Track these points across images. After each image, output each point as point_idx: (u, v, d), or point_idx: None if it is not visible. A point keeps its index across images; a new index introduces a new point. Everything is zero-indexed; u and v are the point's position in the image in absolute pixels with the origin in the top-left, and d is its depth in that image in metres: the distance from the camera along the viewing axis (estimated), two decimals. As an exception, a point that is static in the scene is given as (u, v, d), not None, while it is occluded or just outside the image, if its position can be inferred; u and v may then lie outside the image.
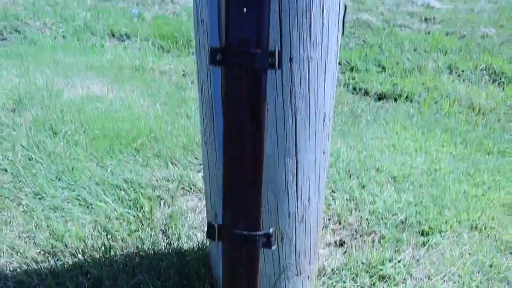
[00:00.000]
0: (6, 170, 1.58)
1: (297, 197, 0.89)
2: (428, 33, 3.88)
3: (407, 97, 2.83)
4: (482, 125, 2.48)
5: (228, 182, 0.78)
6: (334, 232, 1.39)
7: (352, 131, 2.20)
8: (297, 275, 1.01)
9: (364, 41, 3.60)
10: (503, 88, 3.00)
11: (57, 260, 1.18)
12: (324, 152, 0.90)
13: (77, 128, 1.88)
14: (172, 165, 1.68)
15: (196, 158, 1.75)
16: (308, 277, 1.05)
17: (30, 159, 1.64)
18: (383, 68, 3.24)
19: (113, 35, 3.78)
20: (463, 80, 3.11)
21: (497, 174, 1.85)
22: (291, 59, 0.74)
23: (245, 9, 0.67)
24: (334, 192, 1.60)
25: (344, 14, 0.79)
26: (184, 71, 3.00)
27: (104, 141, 1.78)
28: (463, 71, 3.21)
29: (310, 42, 0.74)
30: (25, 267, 1.15)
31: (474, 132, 2.35)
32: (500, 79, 3.11)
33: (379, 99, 2.84)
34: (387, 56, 3.39)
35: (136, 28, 3.77)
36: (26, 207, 1.39)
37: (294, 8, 0.70)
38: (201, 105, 0.88)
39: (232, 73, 0.72)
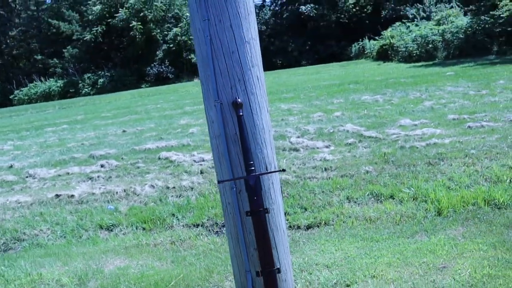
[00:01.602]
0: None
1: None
2: (329, 179, 5.48)
3: (325, 223, 4.24)
4: (373, 228, 3.90)
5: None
6: None
7: (294, 250, 3.50)
8: None
9: (288, 195, 5.09)
10: (383, 203, 4.53)
11: None
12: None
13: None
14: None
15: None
16: None
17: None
18: (305, 209, 4.68)
19: (102, 228, 4.93)
20: (358, 204, 4.61)
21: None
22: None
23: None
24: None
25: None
26: (171, 239, 4.21)
27: None
28: (356, 199, 4.74)
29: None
30: None
31: (371, 231, 3.75)
32: (380, 198, 4.67)
33: (307, 228, 4.21)
34: (305, 200, 4.86)
35: (120, 218, 4.97)
36: None
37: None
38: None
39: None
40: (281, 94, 14.80)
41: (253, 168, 2.07)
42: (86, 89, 33.00)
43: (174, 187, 5.94)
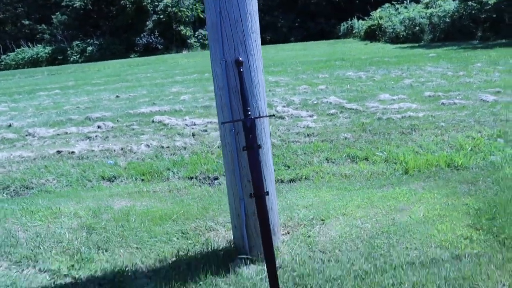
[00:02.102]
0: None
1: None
2: (311, 143, 6.04)
3: (306, 178, 4.80)
4: (348, 182, 4.47)
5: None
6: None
7: (278, 197, 4.06)
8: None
9: (273, 155, 5.63)
10: (358, 163, 5.11)
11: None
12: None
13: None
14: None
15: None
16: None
17: None
18: (288, 167, 5.23)
19: (104, 179, 5.42)
20: (335, 164, 5.18)
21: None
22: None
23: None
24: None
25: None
26: (168, 188, 4.74)
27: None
28: (334, 159, 5.30)
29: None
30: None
31: (345, 184, 4.33)
32: (355, 159, 5.25)
33: (291, 182, 4.77)
34: (289, 160, 5.42)
35: (120, 171, 5.47)
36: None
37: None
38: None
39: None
40: (269, 68, 15.26)
41: (249, 113, 2.59)
42: (75, 57, 32.89)
43: (168, 147, 6.45)
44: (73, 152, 6.58)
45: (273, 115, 2.65)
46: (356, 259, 2.80)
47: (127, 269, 2.82)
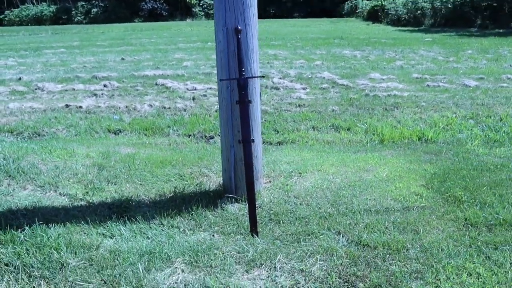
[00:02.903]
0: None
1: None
2: (301, 113, 6.59)
3: (292, 141, 5.37)
4: (328, 147, 5.05)
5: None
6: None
7: (264, 155, 4.63)
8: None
9: (265, 121, 6.19)
10: (340, 132, 5.68)
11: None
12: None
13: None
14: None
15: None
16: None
17: None
18: (277, 131, 5.79)
19: (110, 131, 5.97)
20: (320, 132, 5.74)
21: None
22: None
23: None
24: (264, 164, 3.97)
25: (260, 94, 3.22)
26: (168, 142, 5.30)
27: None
28: (320, 128, 5.87)
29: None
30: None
31: (325, 148, 4.90)
32: (339, 129, 5.81)
33: (279, 144, 5.34)
34: (279, 126, 5.97)
35: (125, 126, 6.02)
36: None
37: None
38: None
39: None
40: (270, 41, 15.69)
41: (244, 73, 3.12)
42: (79, 17, 33.04)
43: (169, 108, 6.98)
44: (80, 107, 7.11)
45: (263, 76, 3.16)
46: (323, 204, 3.38)
47: (132, 198, 3.40)
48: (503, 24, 19.94)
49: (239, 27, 3.12)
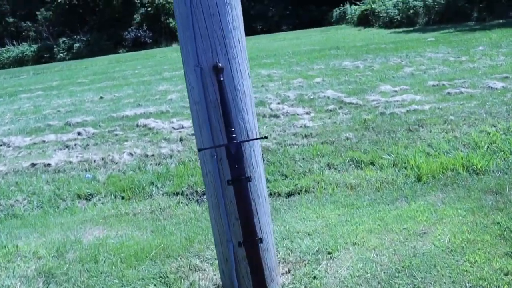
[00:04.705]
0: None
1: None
2: (309, 145, 5.46)
3: (306, 190, 4.23)
4: (354, 195, 3.91)
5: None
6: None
7: (275, 218, 3.49)
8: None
9: (268, 162, 5.06)
10: (364, 170, 4.54)
11: None
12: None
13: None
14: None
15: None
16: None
17: None
18: (285, 176, 4.66)
19: (80, 197, 4.83)
20: (338, 171, 4.61)
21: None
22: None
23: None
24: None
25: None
26: (150, 208, 4.16)
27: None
28: (337, 165, 4.73)
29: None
30: None
31: (351, 198, 3.77)
32: (360, 164, 4.68)
33: (289, 196, 4.20)
34: (286, 167, 4.84)
35: (98, 187, 4.89)
36: None
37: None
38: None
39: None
40: (261, 60, 14.62)
41: (234, 135, 2.01)
42: (62, 54, 32.03)
43: (153, 155, 5.86)
44: (49, 165, 5.99)
45: (266, 137, 2.07)
46: (375, 308, 2.25)
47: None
48: (501, 14, 18.94)
49: (220, 64, 2.02)
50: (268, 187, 4.40)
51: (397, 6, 23.41)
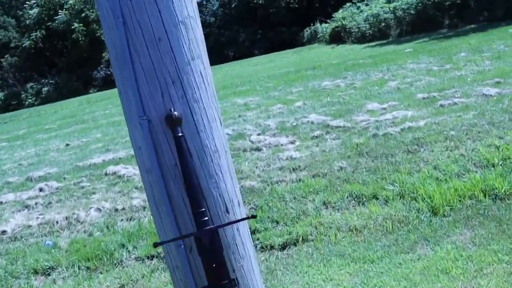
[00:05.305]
0: None
1: None
2: (299, 181, 4.81)
3: (303, 239, 3.56)
4: (363, 242, 3.25)
5: None
6: None
7: (272, 285, 2.80)
8: None
9: (254, 206, 4.38)
10: (367, 206, 3.90)
11: None
12: None
13: None
14: None
15: None
16: None
17: None
18: (277, 222, 3.98)
19: (37, 272, 4.07)
20: (337, 210, 3.96)
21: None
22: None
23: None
24: None
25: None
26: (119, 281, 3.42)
27: None
28: (334, 203, 4.08)
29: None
30: None
31: (360, 247, 3.10)
32: (362, 199, 4.04)
33: (283, 248, 3.52)
34: (276, 211, 4.17)
35: (59, 258, 4.13)
36: None
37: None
38: None
39: None
40: (236, 88, 14.04)
41: (206, 218, 1.33)
42: (30, 100, 31.00)
43: (123, 208, 5.15)
44: (4, 232, 5.20)
45: (255, 215, 1.37)
46: None
47: None
48: (472, 20, 18.89)
49: (175, 113, 1.36)
50: (258, 239, 3.72)
51: (368, 21, 23.30)
